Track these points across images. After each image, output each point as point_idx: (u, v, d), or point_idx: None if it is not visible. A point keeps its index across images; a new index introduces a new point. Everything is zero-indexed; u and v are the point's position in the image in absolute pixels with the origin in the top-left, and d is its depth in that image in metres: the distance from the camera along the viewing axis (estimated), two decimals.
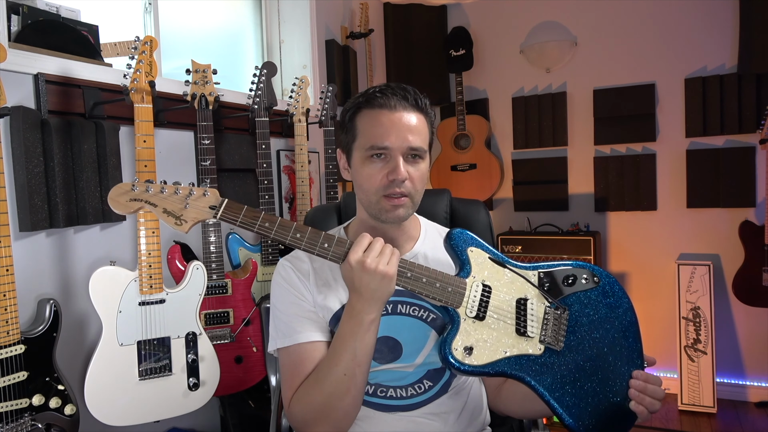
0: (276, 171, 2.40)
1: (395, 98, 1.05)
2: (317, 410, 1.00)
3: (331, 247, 0.97)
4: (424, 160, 1.08)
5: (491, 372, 0.97)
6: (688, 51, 2.99)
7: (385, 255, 0.96)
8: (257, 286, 1.95)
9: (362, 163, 1.07)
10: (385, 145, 1.03)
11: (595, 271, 1.06)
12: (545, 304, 1.02)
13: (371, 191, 1.06)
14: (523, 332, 0.99)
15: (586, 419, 0.98)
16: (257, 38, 2.71)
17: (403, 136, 1.03)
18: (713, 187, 2.94)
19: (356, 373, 0.98)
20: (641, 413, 0.98)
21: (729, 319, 2.98)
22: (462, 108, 3.32)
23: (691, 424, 2.75)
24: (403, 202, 1.05)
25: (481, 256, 1.03)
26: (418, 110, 1.07)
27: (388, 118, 1.04)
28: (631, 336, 1.04)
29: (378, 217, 1.07)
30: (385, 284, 0.95)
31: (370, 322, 0.98)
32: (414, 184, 1.05)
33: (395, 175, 1.02)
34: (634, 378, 1.00)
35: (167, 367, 1.56)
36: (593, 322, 1.03)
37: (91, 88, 1.61)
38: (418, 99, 1.07)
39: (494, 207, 3.51)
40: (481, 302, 0.99)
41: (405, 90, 1.07)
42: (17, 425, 1.29)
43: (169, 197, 0.93)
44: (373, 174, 1.05)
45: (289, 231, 0.95)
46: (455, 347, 0.96)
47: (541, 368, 0.98)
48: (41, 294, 1.49)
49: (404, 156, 1.04)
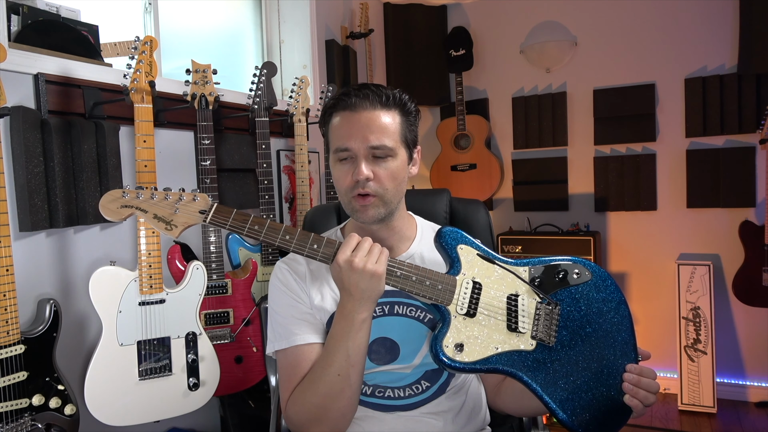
0: (276, 171, 2.40)
1: (357, 98, 1.04)
2: (313, 411, 1.01)
3: (320, 249, 0.98)
4: (394, 158, 1.05)
5: (483, 368, 0.97)
6: (688, 51, 2.99)
7: (373, 254, 0.96)
8: (257, 286, 1.95)
9: (333, 165, 1.08)
10: (346, 147, 1.04)
11: (586, 266, 1.05)
12: (536, 299, 1.02)
13: (342, 192, 1.07)
14: (514, 328, 1.00)
15: (581, 414, 0.97)
16: (257, 38, 2.71)
17: (363, 136, 1.03)
18: (713, 187, 2.94)
19: (350, 373, 0.99)
20: (636, 407, 0.97)
21: (729, 319, 2.98)
22: (462, 108, 3.31)
23: (691, 424, 2.75)
24: (369, 202, 1.04)
25: (470, 254, 1.03)
26: (384, 107, 1.05)
27: (348, 119, 1.05)
28: (625, 330, 1.03)
29: (353, 216, 1.09)
30: (374, 283, 0.96)
31: (361, 322, 0.98)
32: (381, 183, 1.04)
33: (357, 175, 1.03)
34: (628, 371, 0.99)
35: (167, 367, 1.56)
36: (585, 316, 1.02)
37: (91, 88, 1.61)
38: (384, 96, 1.04)
39: (494, 207, 3.51)
40: (471, 299, 1.00)
41: (368, 88, 1.05)
42: (17, 425, 1.29)
43: (159, 203, 0.95)
44: (341, 176, 1.06)
45: (278, 233, 0.96)
46: (446, 344, 0.97)
47: (533, 364, 0.98)
48: (41, 294, 1.49)
49: (366, 156, 1.03)
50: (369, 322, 1.00)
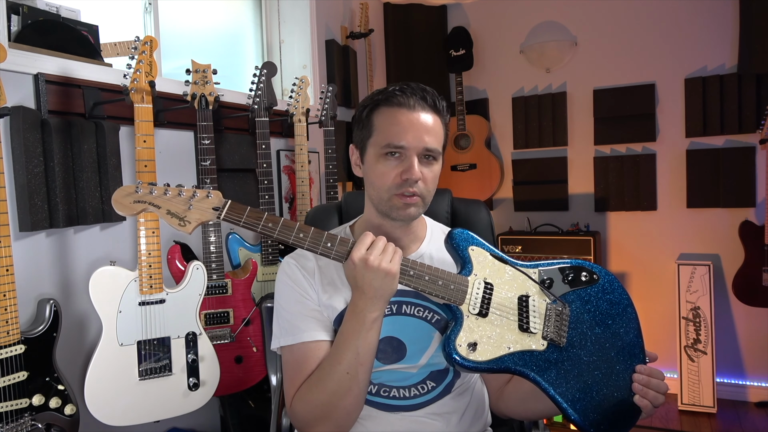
0: (276, 171, 2.40)
1: (414, 98, 1.05)
2: (319, 409, 1.01)
3: (334, 246, 0.97)
4: (438, 161, 1.08)
5: (495, 368, 0.98)
6: (688, 51, 2.99)
7: (387, 253, 0.97)
8: (257, 286, 1.95)
9: (376, 160, 1.07)
10: (401, 144, 1.04)
11: (594, 269, 1.07)
12: (546, 300, 1.03)
13: (383, 188, 1.06)
14: (525, 328, 1.00)
15: (591, 414, 0.98)
16: (257, 38, 2.71)
17: (419, 137, 1.04)
18: (713, 187, 2.94)
19: (359, 372, 0.99)
20: (645, 407, 0.98)
21: (729, 319, 2.98)
22: (462, 108, 3.32)
23: (691, 424, 2.75)
24: (414, 201, 1.06)
25: (481, 255, 1.04)
26: (436, 112, 1.08)
27: (407, 117, 1.05)
28: (633, 332, 1.05)
29: (388, 214, 1.08)
30: (388, 282, 0.96)
31: (372, 321, 0.98)
32: (427, 185, 1.06)
33: (409, 174, 1.03)
34: (638, 372, 1.01)
35: (167, 367, 1.56)
36: (595, 318, 1.04)
37: (91, 88, 1.61)
38: (436, 100, 1.08)
39: (494, 207, 3.51)
40: (483, 299, 1.00)
41: (424, 90, 1.07)
42: (17, 425, 1.29)
43: (173, 199, 0.94)
44: (387, 172, 1.05)
45: (292, 231, 0.96)
46: (459, 343, 0.97)
47: (544, 364, 0.99)
48: (41, 294, 1.49)
49: (419, 156, 1.05)
50: (380, 322, 1.01)
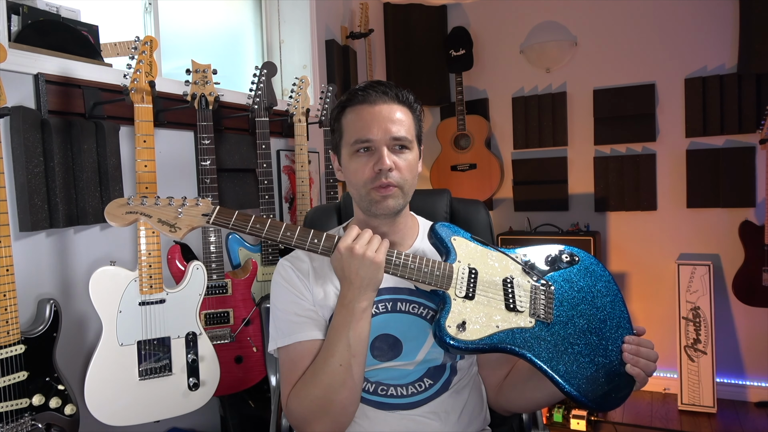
0: (276, 171, 2.40)
1: (375, 93, 1.08)
2: (315, 404, 1.01)
3: (320, 243, 1.01)
4: (411, 150, 1.09)
5: (487, 347, 0.99)
6: (688, 51, 2.99)
7: (373, 244, 1.00)
8: (257, 286, 1.95)
9: (350, 158, 1.09)
10: (367, 138, 1.06)
11: (574, 251, 1.11)
12: (530, 281, 1.06)
13: (360, 184, 1.08)
14: (512, 307, 1.02)
15: (584, 386, 1.00)
16: (257, 38, 2.71)
17: (384, 127, 1.05)
18: (713, 187, 2.94)
19: (352, 363, 1.00)
20: (638, 375, 1.00)
21: (729, 319, 2.98)
22: (462, 108, 3.32)
23: (691, 424, 2.75)
24: (391, 192, 1.07)
25: (464, 243, 1.08)
26: (400, 103, 1.09)
27: (369, 112, 1.07)
28: (618, 305, 1.08)
29: (369, 209, 1.09)
30: (374, 270, 0.99)
31: (362, 311, 1.01)
32: (402, 173, 1.07)
33: (380, 165, 1.04)
34: (627, 342, 1.03)
35: (167, 367, 1.56)
36: (579, 294, 1.07)
37: (91, 88, 1.61)
38: (398, 93, 1.09)
39: (494, 207, 3.51)
40: (469, 282, 1.03)
41: (386, 85, 1.09)
42: (17, 425, 1.29)
43: (163, 208, 0.99)
44: (359, 168, 1.07)
45: (279, 230, 1.00)
46: (448, 325, 0.99)
47: (534, 340, 1.01)
48: (41, 294, 1.49)
49: (389, 147, 1.06)
50: (369, 312, 1.03)
